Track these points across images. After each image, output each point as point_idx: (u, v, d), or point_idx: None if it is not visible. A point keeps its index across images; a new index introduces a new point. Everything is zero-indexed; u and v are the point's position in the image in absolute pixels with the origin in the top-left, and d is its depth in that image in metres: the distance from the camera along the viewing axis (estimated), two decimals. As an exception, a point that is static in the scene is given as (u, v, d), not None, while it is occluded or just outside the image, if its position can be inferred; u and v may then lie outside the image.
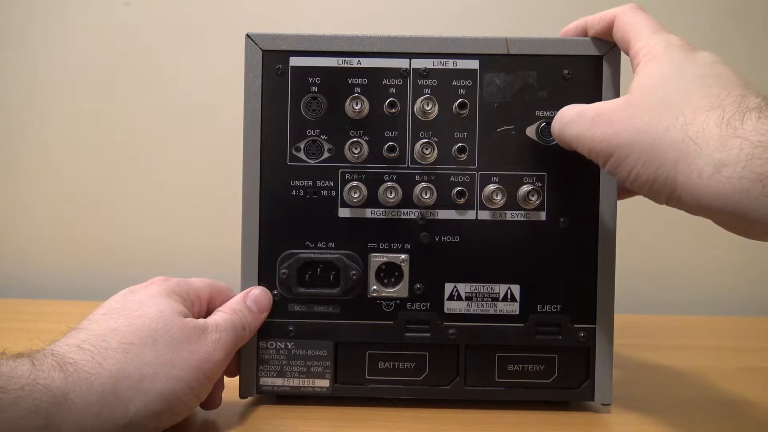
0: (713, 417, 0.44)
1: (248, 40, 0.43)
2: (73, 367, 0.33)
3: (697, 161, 0.31)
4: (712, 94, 0.33)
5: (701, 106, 0.33)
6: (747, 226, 0.31)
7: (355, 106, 0.42)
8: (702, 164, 0.31)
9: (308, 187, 0.43)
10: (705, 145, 0.31)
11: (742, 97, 0.32)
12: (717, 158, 0.31)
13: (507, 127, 0.43)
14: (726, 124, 0.31)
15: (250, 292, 0.42)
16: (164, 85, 0.80)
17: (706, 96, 0.33)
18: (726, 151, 0.30)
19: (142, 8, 0.79)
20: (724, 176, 0.30)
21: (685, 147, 0.32)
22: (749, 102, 0.32)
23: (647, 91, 0.35)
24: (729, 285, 0.80)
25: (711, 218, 0.33)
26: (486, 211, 0.43)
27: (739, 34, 0.77)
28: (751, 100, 0.32)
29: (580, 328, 0.43)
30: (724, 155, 0.30)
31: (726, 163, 0.30)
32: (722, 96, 0.33)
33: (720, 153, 0.31)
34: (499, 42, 0.43)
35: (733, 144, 0.30)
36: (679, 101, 0.34)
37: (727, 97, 0.32)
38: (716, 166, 0.31)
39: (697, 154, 0.31)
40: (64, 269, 0.82)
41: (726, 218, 0.32)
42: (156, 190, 0.81)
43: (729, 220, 0.32)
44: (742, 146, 0.30)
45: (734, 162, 0.30)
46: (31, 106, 0.81)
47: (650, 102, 0.35)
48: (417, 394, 0.43)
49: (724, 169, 0.30)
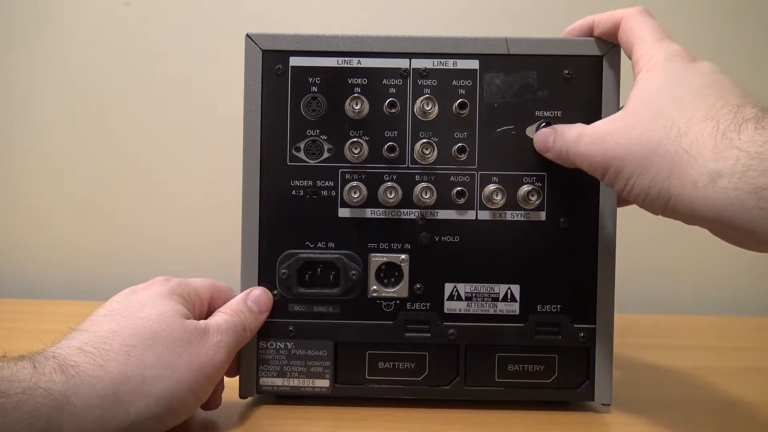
0: (713, 417, 0.44)
1: (248, 40, 0.43)
2: (75, 370, 0.33)
3: (691, 172, 0.31)
4: (707, 104, 0.33)
5: (696, 117, 0.33)
6: (742, 236, 0.31)
7: (355, 106, 0.42)
8: (696, 175, 0.31)
9: (308, 187, 0.43)
10: (699, 155, 0.31)
11: (738, 108, 0.32)
12: (712, 169, 0.31)
13: (507, 127, 0.43)
14: (721, 134, 0.31)
15: (251, 293, 0.42)
16: (164, 85, 0.80)
17: (701, 107, 0.33)
18: (722, 162, 0.30)
19: (142, 8, 0.79)
20: (719, 186, 0.30)
21: (678, 158, 0.32)
22: (745, 112, 0.32)
23: (643, 103, 0.35)
24: (729, 285, 0.80)
25: (707, 228, 0.33)
26: (486, 211, 0.43)
27: (739, 34, 0.77)
28: (748, 111, 0.32)
29: (580, 328, 0.43)
30: (720, 166, 0.30)
31: (722, 173, 0.30)
32: (717, 106, 0.33)
33: (715, 163, 0.31)
34: (499, 42, 0.43)
35: (729, 155, 0.30)
36: (673, 112, 0.34)
37: (722, 108, 0.32)
38: (711, 176, 0.31)
39: (691, 164, 0.31)
40: (64, 269, 0.82)
41: (721, 228, 0.32)
42: (156, 190, 0.81)
43: (724, 230, 0.32)
44: (739, 157, 0.30)
45: (730, 173, 0.30)
46: (31, 106, 0.81)
47: (645, 114, 0.35)
48: (417, 394, 0.44)
49: (719, 180, 0.30)
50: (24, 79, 0.81)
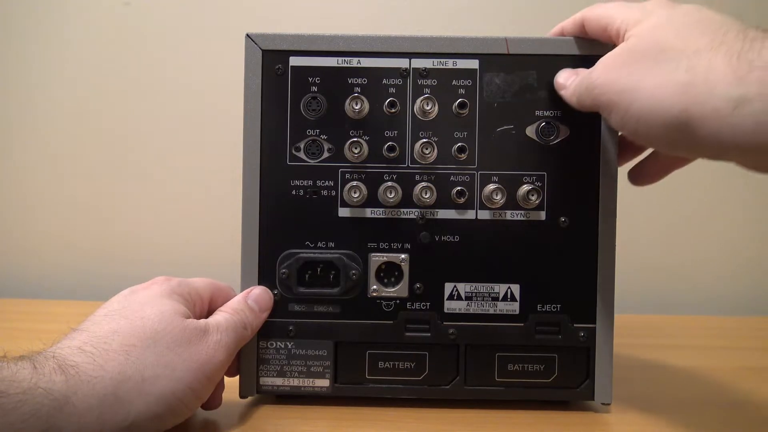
0: (713, 417, 0.44)
1: (248, 40, 0.43)
2: (75, 370, 0.33)
3: (710, 100, 0.30)
4: (709, 32, 0.32)
5: (701, 46, 0.32)
6: None
7: (354, 106, 0.42)
8: (717, 102, 0.30)
9: (308, 186, 0.43)
10: (718, 82, 0.30)
11: (744, 31, 0.31)
12: (736, 94, 0.29)
13: (507, 127, 0.43)
14: (737, 58, 0.30)
15: (251, 292, 0.42)
16: (164, 85, 0.80)
17: (705, 34, 0.32)
18: (744, 86, 0.29)
19: (142, 8, 0.79)
20: (747, 112, 0.29)
21: (693, 88, 0.31)
22: (753, 34, 0.31)
23: (644, 38, 0.34)
24: (729, 285, 0.80)
25: (735, 160, 0.32)
26: (486, 211, 0.43)
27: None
28: (754, 33, 0.31)
29: (580, 328, 0.43)
30: (743, 90, 0.29)
31: (747, 98, 0.29)
32: (721, 32, 0.32)
33: (737, 88, 0.29)
34: (499, 42, 0.43)
35: (752, 78, 0.29)
36: (677, 44, 0.33)
37: (727, 33, 0.31)
38: (736, 102, 0.29)
39: (710, 93, 0.30)
40: (64, 269, 0.82)
41: (754, 157, 0.30)
42: (156, 190, 0.81)
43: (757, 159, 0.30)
44: (764, 78, 0.29)
45: (756, 96, 0.29)
46: (31, 106, 0.81)
47: (648, 46, 0.34)
48: (417, 394, 0.44)
49: (745, 105, 0.29)
50: (24, 78, 0.81)
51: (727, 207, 0.79)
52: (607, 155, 0.43)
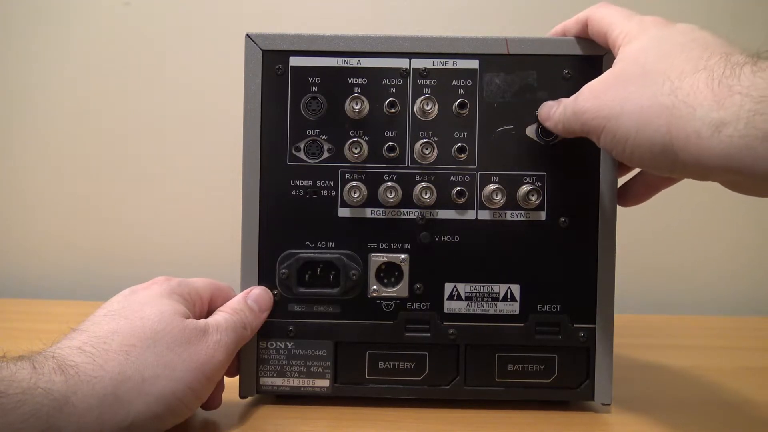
0: (713, 417, 0.44)
1: (248, 40, 0.43)
2: (74, 370, 0.33)
3: (692, 123, 0.31)
4: (693, 57, 0.33)
5: (686, 69, 0.32)
6: (756, 184, 0.31)
7: (354, 106, 0.42)
8: (698, 125, 0.31)
9: (308, 187, 0.43)
10: (698, 106, 0.31)
11: (727, 56, 0.32)
12: (715, 118, 0.30)
13: (507, 127, 0.43)
14: (717, 83, 0.31)
15: (251, 292, 0.42)
16: (164, 85, 0.80)
17: (690, 59, 0.33)
18: (724, 110, 0.30)
19: (142, 8, 0.79)
20: (725, 135, 0.30)
21: (676, 111, 0.32)
22: (737, 59, 0.31)
23: (630, 62, 0.35)
24: (729, 285, 0.80)
25: (717, 180, 0.32)
26: (486, 211, 0.43)
27: (739, 34, 0.77)
28: (738, 57, 0.31)
29: (580, 328, 0.43)
30: (723, 114, 0.30)
31: (726, 122, 0.30)
32: (705, 57, 0.32)
33: (717, 112, 0.30)
34: (499, 42, 0.43)
35: (731, 102, 0.30)
36: (662, 67, 0.33)
37: (710, 58, 0.32)
38: (715, 125, 0.30)
39: (690, 116, 0.31)
40: (64, 269, 0.82)
41: (733, 178, 0.31)
42: (156, 190, 0.81)
43: (737, 180, 0.31)
44: (742, 103, 0.29)
45: (735, 120, 0.29)
46: (31, 105, 0.81)
47: (634, 70, 0.35)
48: (417, 394, 0.43)
49: (724, 129, 0.30)
50: (23, 78, 0.81)
51: (727, 207, 0.79)
52: (606, 156, 0.43)
